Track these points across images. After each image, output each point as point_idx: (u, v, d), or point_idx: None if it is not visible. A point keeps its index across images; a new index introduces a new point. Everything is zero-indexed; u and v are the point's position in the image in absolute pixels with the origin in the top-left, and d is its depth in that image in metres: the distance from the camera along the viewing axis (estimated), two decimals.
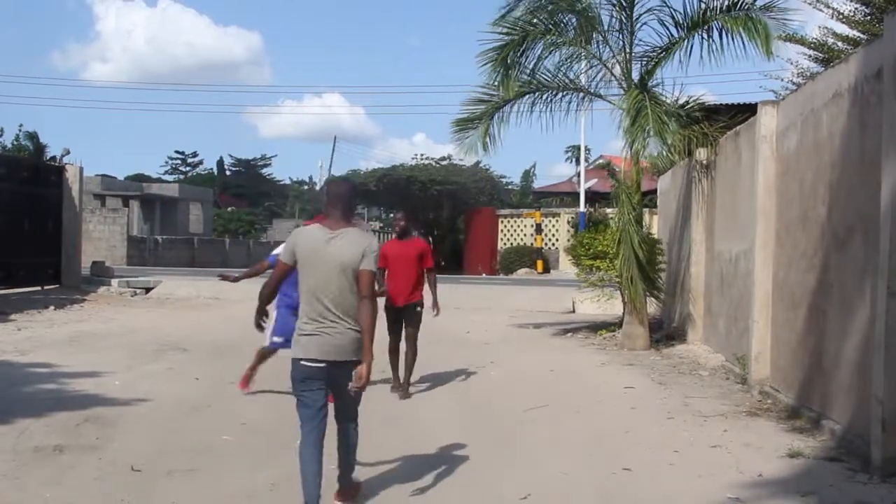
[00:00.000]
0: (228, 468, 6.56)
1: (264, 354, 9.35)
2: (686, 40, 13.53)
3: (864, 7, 16.72)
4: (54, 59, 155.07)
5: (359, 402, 5.82)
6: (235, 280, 9.58)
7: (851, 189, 7.34)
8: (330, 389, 5.56)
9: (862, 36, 16.32)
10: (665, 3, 13.67)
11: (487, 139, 14.82)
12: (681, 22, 13.58)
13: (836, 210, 7.70)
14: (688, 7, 13.48)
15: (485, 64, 14.18)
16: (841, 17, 17.00)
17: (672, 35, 13.73)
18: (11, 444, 7.03)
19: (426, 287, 9.98)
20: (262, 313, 6.09)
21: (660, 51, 13.87)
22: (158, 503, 5.76)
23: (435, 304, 10.11)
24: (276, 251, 7.98)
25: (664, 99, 13.64)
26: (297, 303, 6.71)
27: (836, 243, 7.63)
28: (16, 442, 7.09)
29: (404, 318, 9.79)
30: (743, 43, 12.70)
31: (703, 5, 13.32)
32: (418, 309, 9.83)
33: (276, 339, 8.88)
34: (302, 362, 5.45)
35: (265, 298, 6.01)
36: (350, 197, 5.84)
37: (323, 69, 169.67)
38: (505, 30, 14.06)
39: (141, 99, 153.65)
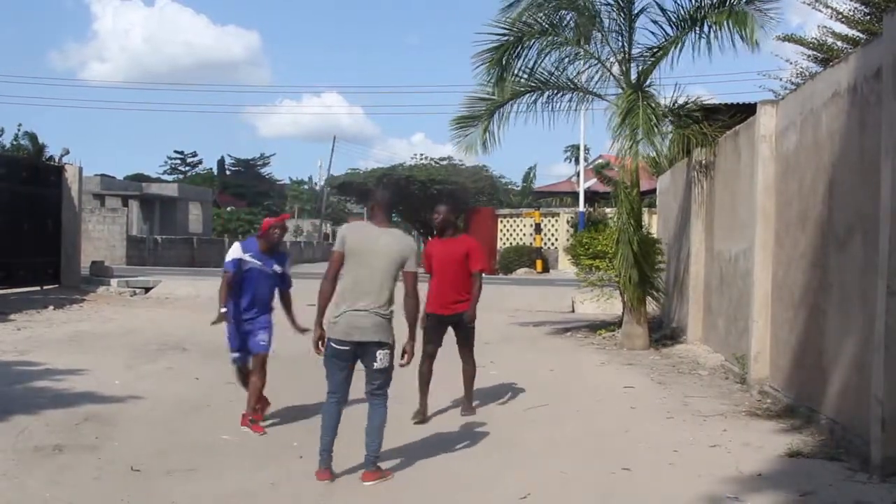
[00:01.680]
0: (228, 468, 6.56)
1: (238, 379, 8.39)
2: (681, 39, 13.53)
3: (863, 7, 16.72)
4: (52, 59, 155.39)
5: (389, 382, 6.48)
6: (224, 315, 7.89)
7: (851, 189, 7.34)
8: (354, 364, 6.39)
9: (861, 35, 16.32)
10: (658, 3, 13.71)
11: (487, 137, 14.80)
12: (675, 20, 13.59)
13: (835, 210, 7.70)
14: (681, 5, 13.50)
15: (480, 65, 14.19)
16: (840, 16, 17.00)
17: (667, 34, 13.74)
18: (11, 443, 7.02)
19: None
20: (322, 316, 6.40)
21: (655, 49, 13.86)
22: (158, 503, 5.76)
23: (470, 315, 8.43)
24: (228, 257, 7.85)
25: (660, 100, 13.65)
26: (242, 311, 7.76)
27: (836, 243, 7.63)
28: (15, 441, 7.09)
29: (456, 332, 8.49)
30: (731, 37, 12.72)
31: (695, 3, 13.33)
32: (471, 324, 8.47)
33: (232, 354, 8.13)
34: (333, 343, 6.26)
35: (328, 296, 6.36)
36: (393, 202, 6.63)
37: (321, 68, 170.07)
38: (501, 30, 14.06)
39: (140, 99, 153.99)
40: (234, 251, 7.89)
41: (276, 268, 7.96)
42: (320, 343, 6.35)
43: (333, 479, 6.20)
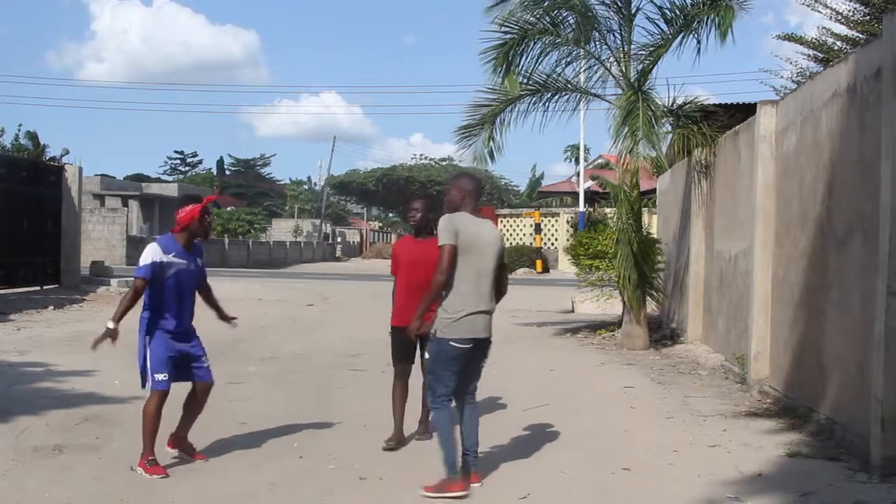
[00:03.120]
0: (228, 468, 6.55)
1: (155, 408, 6.39)
2: (676, 37, 13.54)
3: (862, 7, 16.74)
4: (50, 59, 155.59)
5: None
6: (112, 333, 6.33)
7: (851, 189, 7.35)
8: (465, 367, 6.08)
9: (861, 36, 16.34)
10: (654, 1, 13.75)
11: (492, 145, 14.72)
12: (670, 18, 13.60)
13: (835, 210, 7.71)
14: (675, 3, 13.50)
15: (488, 61, 14.20)
16: (840, 17, 17.02)
17: (664, 32, 13.74)
18: (11, 443, 7.03)
19: None
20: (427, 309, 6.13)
21: (653, 48, 13.86)
22: (158, 503, 5.76)
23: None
24: (143, 261, 6.39)
25: (659, 100, 13.64)
26: (175, 323, 6.48)
27: (836, 243, 7.64)
28: (15, 441, 7.09)
29: (423, 344, 7.06)
30: (717, 32, 12.85)
31: (688, 1, 13.37)
32: None
33: (159, 376, 6.39)
34: (455, 343, 5.93)
35: (440, 291, 5.98)
36: (481, 189, 6.39)
37: (319, 68, 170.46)
38: (505, 28, 14.06)
39: (140, 99, 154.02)
40: (152, 253, 6.41)
41: (198, 262, 6.72)
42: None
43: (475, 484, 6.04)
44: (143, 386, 6.51)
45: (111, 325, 6.28)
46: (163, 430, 6.50)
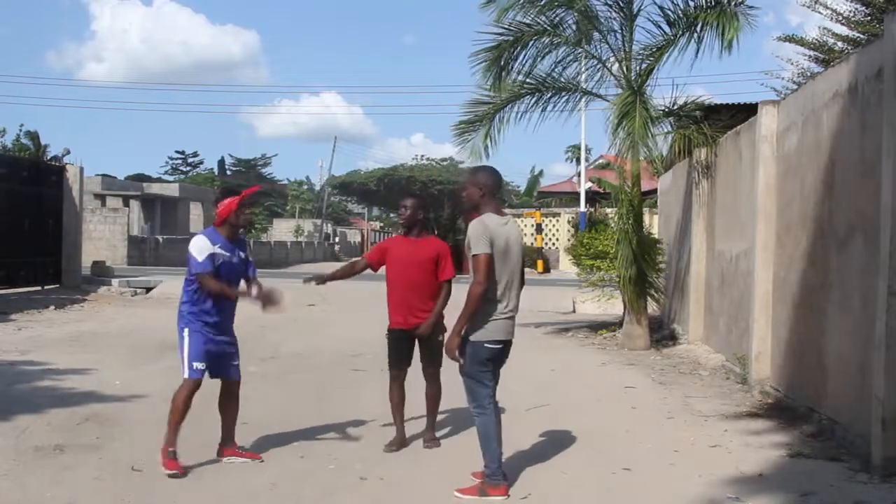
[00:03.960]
0: (229, 468, 6.56)
1: (185, 399, 6.51)
2: (678, 39, 13.51)
3: (863, 7, 16.74)
4: (50, 59, 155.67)
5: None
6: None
7: (852, 189, 7.34)
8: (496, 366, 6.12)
9: (861, 36, 16.34)
10: (656, 2, 13.71)
11: (489, 142, 14.73)
12: (672, 20, 13.58)
13: (836, 210, 7.70)
14: (678, 5, 13.48)
15: (478, 64, 14.18)
16: (840, 17, 17.01)
17: (666, 33, 13.71)
18: (12, 443, 7.03)
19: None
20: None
21: (654, 49, 13.84)
22: (159, 503, 5.76)
23: (431, 326, 7.11)
24: (199, 255, 6.37)
25: (660, 100, 13.65)
26: (213, 316, 6.49)
27: (837, 243, 7.63)
28: (16, 441, 7.10)
29: (420, 347, 7.22)
30: (720, 38, 12.72)
31: (692, 3, 13.33)
32: (440, 338, 7.02)
33: (197, 364, 6.49)
34: (490, 345, 5.94)
35: (480, 298, 5.81)
36: (499, 182, 6.21)
37: (319, 68, 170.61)
38: (500, 30, 14.05)
39: (141, 99, 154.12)
40: (204, 245, 6.42)
41: (241, 255, 6.70)
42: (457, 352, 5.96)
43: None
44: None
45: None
46: (158, 431, 6.49)
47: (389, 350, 7.29)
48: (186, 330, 6.46)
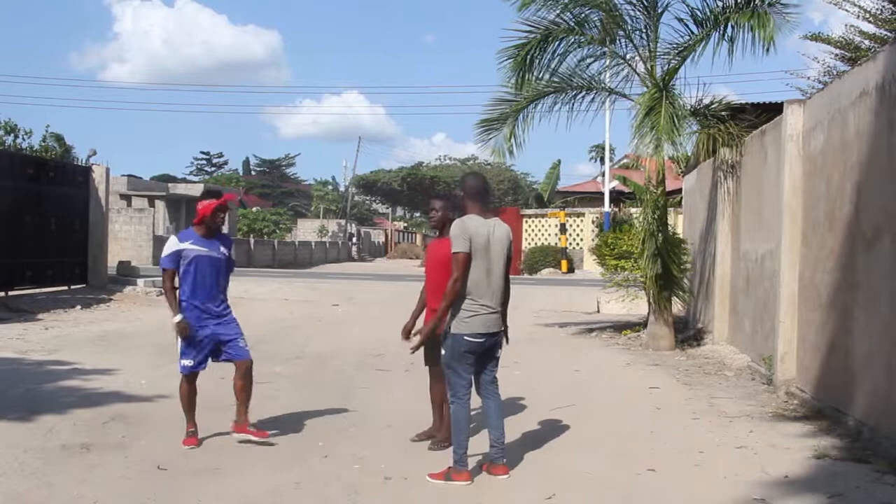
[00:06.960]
0: (254, 467, 6.58)
1: (183, 389, 7.36)
2: (705, 38, 13.43)
3: (890, 5, 16.56)
4: (73, 61, 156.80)
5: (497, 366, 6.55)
6: (183, 323, 7.13)
7: (879, 189, 7.28)
8: (480, 359, 6.34)
9: (889, 34, 16.17)
10: (684, 1, 13.63)
11: (513, 142, 14.69)
12: (700, 19, 13.50)
13: (863, 210, 7.64)
14: (707, 3, 13.40)
15: (504, 61, 14.15)
16: (867, 15, 16.84)
17: (693, 32, 13.63)
18: (39, 442, 7.10)
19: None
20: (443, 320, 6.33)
21: (681, 48, 13.76)
22: (184, 502, 5.79)
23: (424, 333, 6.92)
24: (165, 253, 7.09)
25: (684, 100, 13.55)
26: (202, 307, 7.09)
27: (864, 243, 7.57)
28: (43, 440, 7.16)
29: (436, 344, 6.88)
30: (752, 38, 12.61)
31: (720, 3, 13.24)
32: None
33: (184, 361, 7.24)
34: (469, 338, 6.17)
35: (457, 294, 6.19)
36: (486, 188, 6.55)
37: (341, 68, 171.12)
38: (528, 28, 14.02)
39: (166, 100, 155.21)
40: (171, 243, 7.12)
41: (223, 250, 7.22)
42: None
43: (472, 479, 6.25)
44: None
45: (177, 318, 7.03)
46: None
47: (424, 349, 7.09)
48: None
